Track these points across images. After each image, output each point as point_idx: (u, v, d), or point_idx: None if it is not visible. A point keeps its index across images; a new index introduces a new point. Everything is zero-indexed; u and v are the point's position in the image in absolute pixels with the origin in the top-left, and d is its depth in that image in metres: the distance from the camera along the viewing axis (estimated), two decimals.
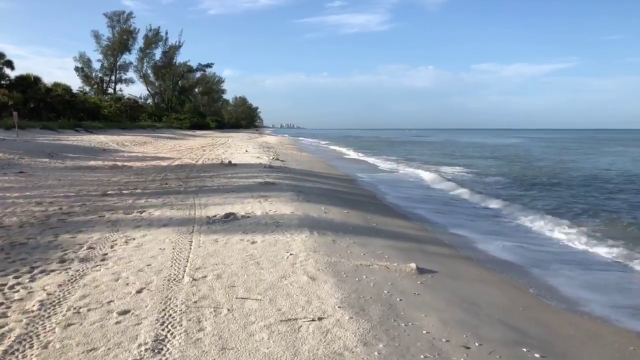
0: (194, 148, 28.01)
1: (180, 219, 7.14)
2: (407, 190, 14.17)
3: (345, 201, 10.02)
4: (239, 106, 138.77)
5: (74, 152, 21.13)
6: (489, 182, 16.78)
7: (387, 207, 10.43)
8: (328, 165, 21.28)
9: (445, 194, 13.50)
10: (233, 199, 8.98)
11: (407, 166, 22.99)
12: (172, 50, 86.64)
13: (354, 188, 13.23)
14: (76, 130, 40.96)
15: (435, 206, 11.31)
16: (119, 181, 12.02)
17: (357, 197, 11.38)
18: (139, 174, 13.74)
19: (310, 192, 10.59)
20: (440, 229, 8.41)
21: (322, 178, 14.60)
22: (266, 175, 13.06)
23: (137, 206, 8.30)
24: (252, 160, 19.06)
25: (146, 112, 76.04)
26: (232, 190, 10.26)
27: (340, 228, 6.82)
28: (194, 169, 14.99)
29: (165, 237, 5.93)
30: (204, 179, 12.27)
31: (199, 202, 8.64)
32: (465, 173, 20.12)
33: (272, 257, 5.04)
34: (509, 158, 30.92)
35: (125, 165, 16.23)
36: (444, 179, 17.04)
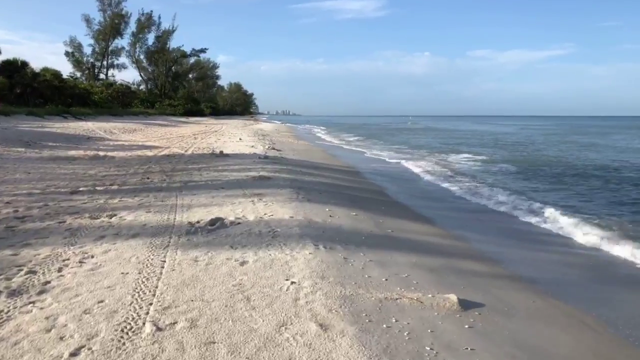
0: (185, 136, 26.63)
1: (156, 226, 5.87)
2: (416, 184, 12.93)
3: (351, 199, 8.77)
4: (234, 92, 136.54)
5: (55, 140, 19.74)
6: (505, 174, 15.53)
7: (399, 205, 9.18)
8: (328, 155, 19.98)
9: (460, 188, 12.27)
10: (222, 198, 7.72)
11: (412, 156, 21.70)
12: (166, 35, 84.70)
13: (359, 182, 11.97)
14: (64, 117, 39.47)
15: (453, 204, 10.06)
16: (95, 175, 10.72)
17: (364, 193, 10.12)
18: (120, 166, 12.43)
19: (310, 188, 9.34)
20: (466, 234, 7.18)
21: (322, 170, 13.33)
22: (261, 168, 11.79)
23: (108, 208, 7.02)
24: (246, 149, 17.75)
25: (139, 99, 74.36)
26: (222, 186, 8.99)
27: (350, 238, 5.58)
28: (182, 160, 13.68)
29: (132, 255, 4.67)
30: (191, 172, 10.98)
31: (181, 203, 7.37)
32: (473, 163, 18.86)
33: (268, 289, 3.79)
34: (513, 147, 29.68)
35: (107, 156, 14.89)
36: (456, 171, 15.81)
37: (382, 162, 19.34)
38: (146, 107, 70.61)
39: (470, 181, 13.40)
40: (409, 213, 8.38)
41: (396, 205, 9.04)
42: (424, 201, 9.99)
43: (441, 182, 13.17)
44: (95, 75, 76.89)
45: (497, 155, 22.75)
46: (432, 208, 9.18)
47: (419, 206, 9.22)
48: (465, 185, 12.54)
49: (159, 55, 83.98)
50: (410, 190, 11.60)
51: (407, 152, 23.90)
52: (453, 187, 12.30)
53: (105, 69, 78.69)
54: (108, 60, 78.77)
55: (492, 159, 20.69)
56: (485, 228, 7.86)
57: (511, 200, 10.31)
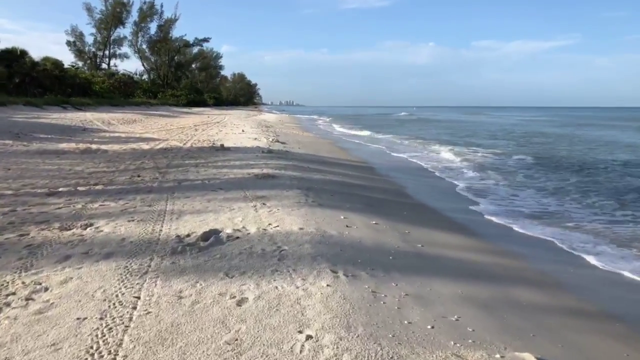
0: (186, 127, 25.54)
1: (136, 241, 4.80)
2: (438, 182, 11.79)
3: (367, 202, 7.67)
4: (238, 83, 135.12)
5: (48, 131, 18.67)
6: (528, 169, 14.37)
7: (424, 208, 8.05)
8: (336, 148, 18.84)
9: (489, 184, 11.14)
10: (219, 203, 6.64)
11: (426, 149, 20.54)
12: (168, 24, 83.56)
13: (374, 179, 10.85)
14: (63, 107, 38.53)
15: (488, 205, 8.88)
16: (81, 171, 9.66)
17: (381, 193, 9.01)
18: (111, 161, 11.37)
19: (320, 188, 8.24)
20: (512, 248, 6.07)
21: (332, 166, 12.22)
22: (264, 164, 10.70)
23: (84, 215, 5.96)
24: (249, 142, 16.64)
25: (141, 89, 73.35)
26: (220, 187, 7.91)
27: (375, 259, 4.50)
28: (179, 155, 12.60)
29: (98, 286, 3.60)
30: (187, 169, 9.90)
31: (171, 209, 6.29)
32: (492, 156, 17.67)
33: (274, 349, 2.71)
34: (525, 138, 28.44)
35: (100, 149, 13.83)
36: (479, 166, 14.67)
37: (394, 155, 18.20)
38: (148, 97, 69.63)
39: (498, 178, 12.24)
40: (437, 219, 7.26)
41: (420, 209, 7.93)
42: (450, 202, 8.86)
43: (464, 179, 12.03)
44: (97, 65, 75.91)
45: (511, 148, 21.56)
46: (462, 212, 8.04)
47: (446, 209, 8.09)
48: (492, 183, 11.40)
49: (162, 44, 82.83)
50: (432, 188, 10.48)
51: (419, 146, 22.72)
52: (478, 184, 11.18)
53: (108, 59, 77.72)
54: (110, 49, 77.71)
55: (508, 152, 19.51)
56: (534, 239, 6.68)
57: (553, 203, 9.19)
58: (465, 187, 10.81)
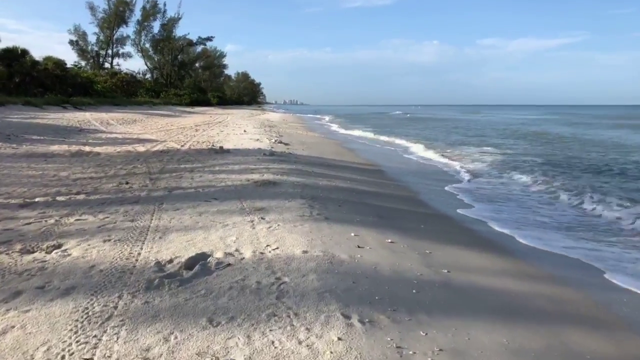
0: (187, 127, 24.76)
1: (107, 270, 3.98)
2: (452, 186, 10.92)
3: (379, 213, 6.83)
4: (241, 82, 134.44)
5: (42, 132, 17.91)
6: (551, 170, 13.48)
7: (442, 219, 7.19)
8: (342, 150, 17.97)
9: (508, 190, 10.28)
10: (212, 216, 5.82)
11: (433, 149, 19.64)
12: (171, 23, 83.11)
13: (384, 185, 9.99)
14: (63, 107, 37.91)
15: (511, 215, 8.01)
16: (66, 177, 8.88)
17: (394, 201, 8.15)
18: (101, 165, 10.58)
19: (326, 197, 7.41)
20: (551, 268, 5.22)
21: (339, 170, 11.38)
22: (265, 168, 9.88)
23: (55, 232, 5.15)
24: (250, 143, 15.84)
25: (144, 88, 72.75)
26: (215, 196, 7.09)
27: (395, 293, 3.67)
28: (175, 158, 11.79)
29: (41, 342, 2.78)
30: (181, 175, 9.09)
31: (156, 224, 5.47)
32: (504, 158, 16.77)
33: None
34: (537, 139, 27.50)
35: (92, 152, 13.06)
36: (496, 166, 13.80)
37: (404, 156, 17.35)
38: (151, 96, 69.00)
39: (517, 183, 11.35)
40: (459, 232, 6.39)
41: (438, 220, 7.06)
42: (469, 211, 7.98)
43: (480, 184, 11.16)
44: (100, 64, 75.42)
45: (524, 149, 20.66)
46: (484, 223, 7.17)
47: (467, 221, 7.22)
48: (511, 189, 10.52)
49: (165, 43, 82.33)
50: (447, 195, 9.59)
51: (429, 146, 21.84)
52: (496, 190, 10.31)
53: (111, 58, 77.29)
54: (113, 49, 77.28)
55: (521, 153, 18.61)
56: (571, 259, 5.79)
57: (580, 212, 8.33)
58: (483, 193, 9.95)
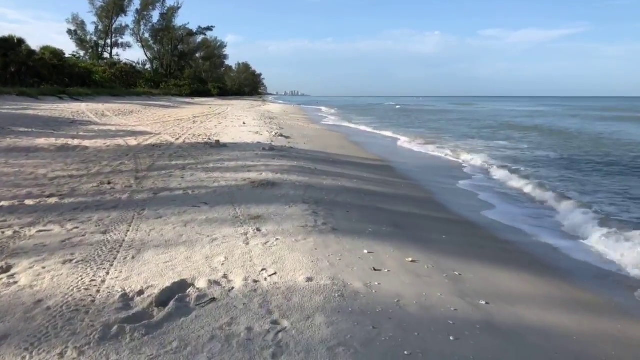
0: (184, 119, 23.83)
1: (55, 309, 3.10)
2: (469, 184, 10.00)
3: (395, 220, 5.93)
4: (242, 73, 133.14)
5: (30, 125, 17.00)
6: (567, 167, 12.54)
7: (467, 226, 6.28)
8: (347, 143, 17.03)
9: (533, 188, 9.37)
10: (199, 228, 4.93)
11: (442, 143, 18.69)
12: (171, 12, 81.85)
13: (395, 184, 9.07)
14: (59, 98, 37.04)
15: (545, 219, 7.08)
16: (44, 176, 8.00)
17: (408, 204, 7.24)
18: (86, 161, 9.70)
19: (333, 201, 6.52)
20: (615, 295, 4.34)
21: (344, 166, 10.48)
22: (264, 166, 8.99)
23: (9, 248, 4.27)
24: (249, 137, 14.93)
25: (144, 78, 71.72)
26: (206, 200, 6.20)
27: (428, 343, 2.80)
28: (167, 153, 10.90)
29: None
30: (170, 173, 8.20)
31: (132, 238, 4.60)
32: (518, 151, 15.84)
33: None
34: (549, 133, 26.51)
35: (80, 146, 12.17)
36: (511, 164, 12.89)
37: (414, 150, 16.40)
38: (150, 87, 68.01)
39: (540, 178, 10.40)
40: (490, 245, 5.48)
41: (462, 228, 6.15)
42: (494, 214, 7.05)
43: (498, 182, 10.23)
44: (99, 54, 74.32)
45: (536, 143, 19.71)
46: (516, 230, 6.26)
47: (495, 228, 6.30)
48: (534, 186, 9.59)
49: (164, 33, 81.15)
50: (466, 195, 8.66)
51: (436, 139, 20.89)
52: (519, 187, 9.38)
53: (110, 48, 76.18)
54: (112, 38, 76.14)
55: (537, 146, 17.68)
56: (635, 280, 4.87)
57: (620, 212, 7.44)
58: (504, 192, 9.04)
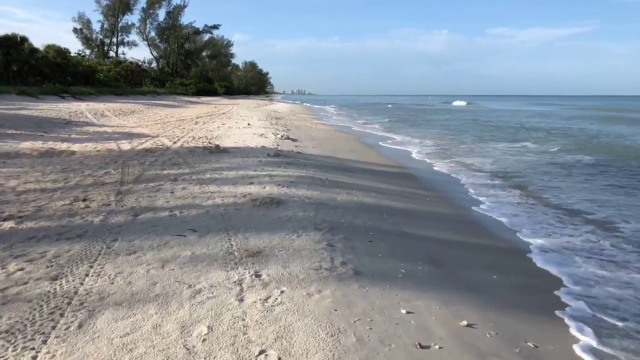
0: (186, 120, 22.72)
1: None
2: (502, 195, 8.74)
3: (431, 253, 4.72)
4: (249, 71, 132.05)
5: (21, 126, 15.95)
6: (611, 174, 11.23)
7: (519, 255, 5.05)
8: (359, 146, 15.78)
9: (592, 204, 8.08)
10: (179, 270, 3.75)
11: (469, 146, 17.40)
12: (177, 10, 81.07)
13: (421, 198, 7.81)
14: (61, 97, 36.15)
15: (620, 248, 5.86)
16: (12, 189, 6.86)
17: (444, 228, 5.99)
18: (67, 170, 8.56)
19: (351, 225, 5.32)
20: None
21: (358, 175, 9.27)
22: (268, 177, 7.80)
23: None
24: (253, 140, 13.75)
25: (149, 77, 70.93)
26: (195, 224, 5.02)
27: None
28: (160, 160, 9.74)
29: None
30: (159, 187, 7.03)
31: (88, 289, 3.42)
32: (547, 155, 14.53)
33: None
34: (577, 135, 25.12)
35: (66, 151, 11.06)
36: (549, 168, 11.61)
37: (436, 155, 15.13)
38: (156, 86, 67.17)
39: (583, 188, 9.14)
40: (554, 287, 4.24)
41: (514, 261, 4.90)
42: (552, 236, 5.79)
43: (543, 195, 8.93)
44: (104, 53, 73.66)
45: (568, 145, 18.38)
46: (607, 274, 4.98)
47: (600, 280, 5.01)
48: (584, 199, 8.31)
49: (171, 31, 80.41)
50: (508, 211, 7.39)
51: (457, 141, 19.62)
52: (577, 199, 8.10)
53: (116, 47, 75.49)
54: (118, 37, 75.44)
55: (566, 149, 16.36)
56: None
57: None
58: (558, 203, 7.76)
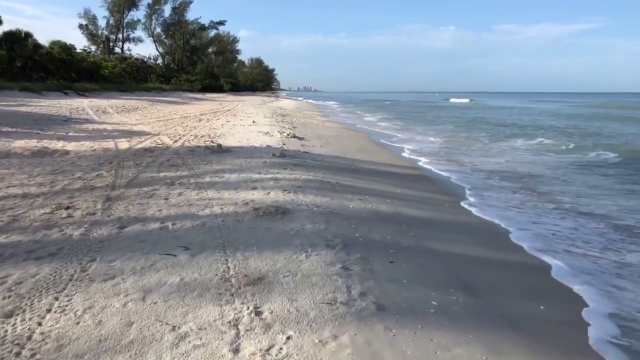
0: (190, 117, 22.08)
1: None
2: (541, 202, 7.98)
3: (462, 277, 4.02)
4: (255, 68, 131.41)
5: (19, 123, 15.35)
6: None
7: (561, 288, 4.33)
8: (368, 144, 15.03)
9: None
10: (163, 304, 3.07)
11: (484, 144, 16.61)
12: (182, 6, 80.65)
13: (442, 204, 7.04)
14: (65, 93, 35.72)
15: None
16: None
17: (474, 243, 5.26)
18: (56, 172, 7.91)
19: (367, 242, 4.62)
20: None
21: (371, 177, 8.55)
22: (273, 180, 7.11)
23: None
24: (258, 138, 13.07)
25: (155, 74, 70.48)
26: (188, 240, 4.34)
27: None
28: (158, 160, 9.07)
29: None
30: (153, 192, 6.36)
31: (45, 331, 2.74)
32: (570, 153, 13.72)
33: None
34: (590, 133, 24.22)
35: (61, 150, 10.43)
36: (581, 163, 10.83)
37: (449, 153, 14.33)
38: (162, 82, 66.70)
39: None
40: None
41: (561, 295, 4.20)
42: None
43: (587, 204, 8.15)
44: (110, 49, 73.30)
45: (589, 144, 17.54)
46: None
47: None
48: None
49: (176, 27, 79.93)
50: (548, 223, 6.64)
51: (470, 139, 18.83)
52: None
53: (121, 43, 75.12)
54: (123, 33, 75.03)
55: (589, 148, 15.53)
56: None
57: None
58: (600, 214, 6.99)
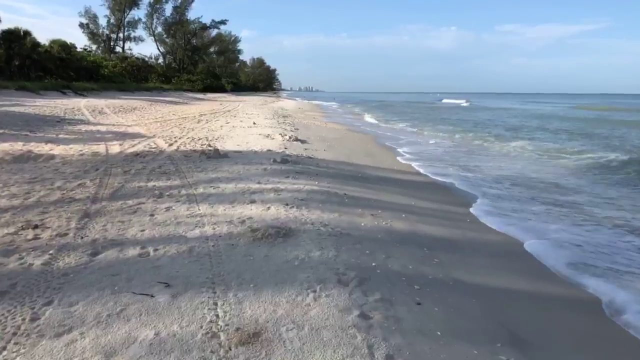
0: (188, 117, 21.33)
1: None
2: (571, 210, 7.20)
3: (508, 323, 3.26)
4: (257, 68, 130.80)
5: (8, 124, 14.62)
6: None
7: (619, 331, 3.59)
8: (375, 147, 14.24)
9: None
10: None
11: (499, 149, 15.81)
12: (184, 5, 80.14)
13: (463, 222, 6.28)
14: (63, 93, 35.07)
15: None
16: None
17: (504, 271, 4.50)
18: (34, 181, 7.16)
19: (389, 277, 3.86)
20: None
21: (382, 187, 7.78)
22: (274, 192, 6.35)
23: None
24: (258, 141, 12.30)
25: (156, 73, 69.87)
26: (169, 273, 3.58)
27: None
28: (148, 167, 8.31)
29: None
30: (138, 206, 5.59)
31: None
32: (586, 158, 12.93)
33: None
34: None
35: (46, 154, 9.68)
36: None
37: (464, 158, 13.53)
38: (162, 82, 66.07)
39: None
40: None
41: (620, 340, 3.45)
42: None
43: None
44: (111, 48, 72.70)
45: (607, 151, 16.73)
46: None
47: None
48: None
49: (177, 27, 79.38)
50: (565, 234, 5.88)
51: (482, 145, 18.04)
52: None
53: (122, 42, 74.57)
54: (124, 32, 74.44)
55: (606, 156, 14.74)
56: None
57: None
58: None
